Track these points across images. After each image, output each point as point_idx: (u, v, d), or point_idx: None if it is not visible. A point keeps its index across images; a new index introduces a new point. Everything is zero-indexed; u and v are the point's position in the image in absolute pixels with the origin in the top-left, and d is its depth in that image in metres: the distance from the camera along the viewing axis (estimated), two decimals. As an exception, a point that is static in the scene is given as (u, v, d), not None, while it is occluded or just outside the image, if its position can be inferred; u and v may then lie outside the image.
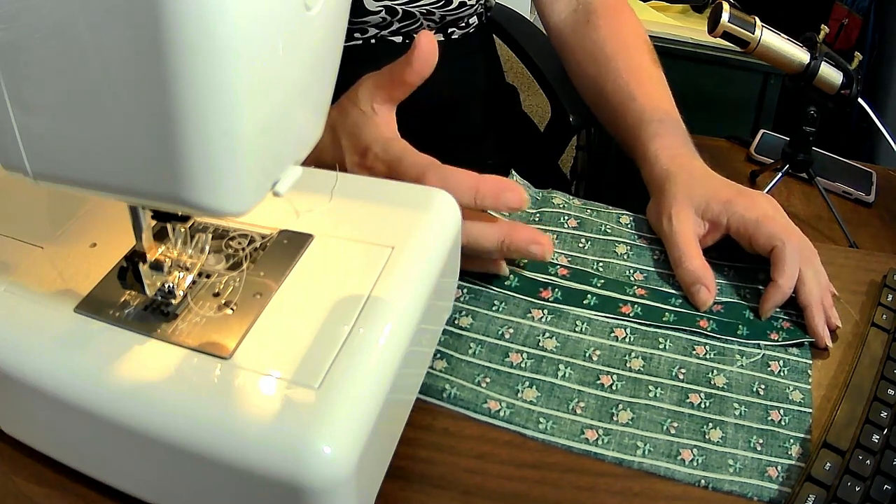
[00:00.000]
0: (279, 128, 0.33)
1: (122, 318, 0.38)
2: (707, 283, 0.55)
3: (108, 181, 0.33)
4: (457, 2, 0.74)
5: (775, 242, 0.55)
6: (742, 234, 0.57)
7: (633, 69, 0.70)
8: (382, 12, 0.71)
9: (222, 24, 0.27)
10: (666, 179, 0.60)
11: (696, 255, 0.57)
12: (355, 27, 0.71)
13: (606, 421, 0.47)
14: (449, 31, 0.79)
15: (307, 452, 0.32)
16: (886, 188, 0.86)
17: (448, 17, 0.76)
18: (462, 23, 0.80)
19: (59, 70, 0.29)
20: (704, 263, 0.56)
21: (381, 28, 0.72)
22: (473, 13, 0.80)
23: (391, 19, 0.72)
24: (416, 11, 0.73)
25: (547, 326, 0.53)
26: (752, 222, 0.56)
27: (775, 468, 0.45)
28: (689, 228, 0.58)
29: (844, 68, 0.73)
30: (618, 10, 0.77)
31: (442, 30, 0.78)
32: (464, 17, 0.79)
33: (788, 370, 0.51)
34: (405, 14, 0.72)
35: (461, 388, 0.48)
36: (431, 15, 0.74)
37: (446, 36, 0.79)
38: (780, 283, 0.54)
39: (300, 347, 0.37)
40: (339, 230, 0.44)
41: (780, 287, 0.54)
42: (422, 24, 0.74)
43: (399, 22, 0.72)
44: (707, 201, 0.58)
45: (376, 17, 0.71)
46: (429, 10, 0.73)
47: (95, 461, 0.40)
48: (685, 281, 0.56)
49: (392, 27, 0.73)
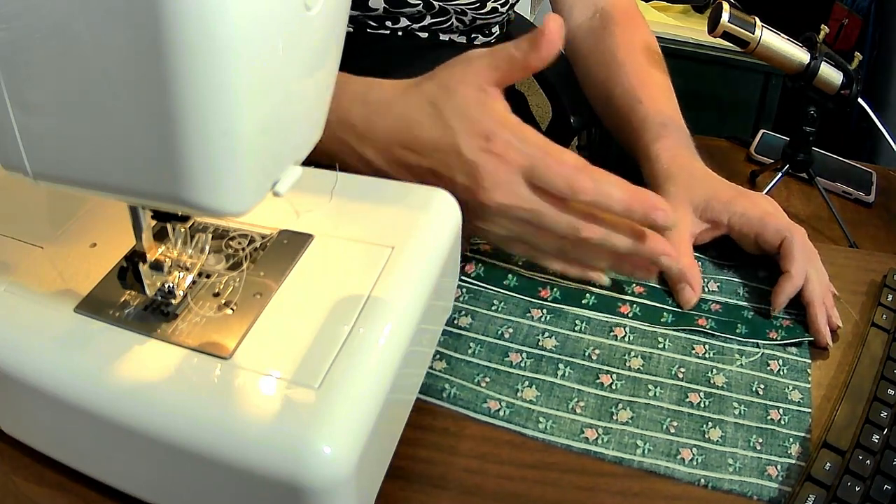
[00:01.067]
0: (279, 128, 0.33)
1: (122, 318, 0.38)
2: (692, 282, 0.56)
3: (108, 181, 0.33)
4: (490, 6, 0.76)
5: (784, 234, 0.55)
6: (746, 232, 0.57)
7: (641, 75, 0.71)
8: (420, 6, 0.72)
9: (222, 24, 0.27)
10: (666, 179, 0.61)
11: (684, 253, 0.57)
12: (389, 16, 0.73)
13: (606, 420, 0.47)
14: (472, 37, 0.81)
15: (307, 452, 0.32)
16: (886, 188, 0.86)
17: (478, 20, 0.77)
18: (487, 30, 0.81)
19: (59, 70, 0.29)
20: (693, 262, 0.57)
21: (413, 20, 0.74)
22: (499, 21, 0.82)
23: (426, 13, 0.73)
24: (451, 9, 0.74)
25: (546, 326, 0.53)
26: (757, 219, 0.56)
27: (775, 467, 0.45)
28: (683, 226, 0.58)
29: (844, 68, 0.73)
30: (634, 20, 0.78)
31: (467, 33, 0.80)
32: (492, 24, 0.80)
33: (788, 369, 0.51)
34: (440, 10, 0.73)
35: (461, 388, 0.48)
36: (464, 15, 0.76)
37: (469, 41, 0.81)
38: (793, 273, 0.54)
39: (300, 347, 0.37)
40: (339, 230, 0.44)
41: (792, 277, 0.54)
42: (452, 23, 0.76)
43: (432, 17, 0.74)
44: (707, 201, 0.58)
45: (413, 10, 0.72)
46: (463, 9, 0.75)
47: (95, 461, 0.40)
48: (671, 278, 0.57)
49: (423, 21, 0.74)
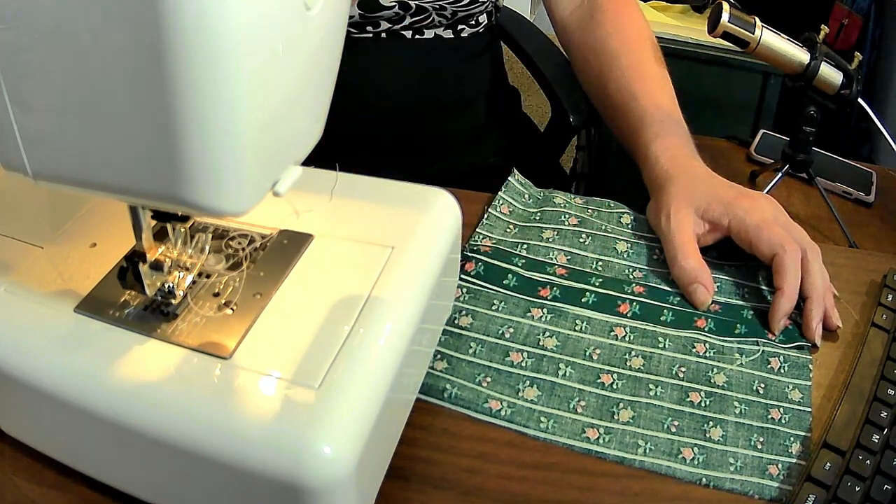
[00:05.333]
0: (279, 128, 0.33)
1: (122, 318, 0.38)
2: (704, 281, 0.55)
3: (108, 181, 0.33)
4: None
5: (776, 251, 0.55)
6: (742, 238, 0.57)
7: (636, 67, 0.70)
8: (396, 7, 0.71)
9: (222, 24, 0.27)
10: (667, 181, 0.60)
11: (692, 254, 0.57)
12: (368, 21, 0.72)
13: (607, 420, 0.47)
14: (459, 29, 0.79)
15: (307, 452, 0.32)
16: (886, 188, 0.86)
17: (459, 13, 0.76)
18: (472, 20, 0.80)
19: (59, 70, 0.29)
20: (701, 262, 0.56)
21: (393, 23, 0.73)
22: (483, 10, 0.81)
23: (404, 14, 0.72)
24: (428, 6, 0.73)
25: (547, 325, 0.53)
26: (753, 227, 0.56)
27: (776, 466, 0.45)
28: (687, 227, 0.58)
29: (844, 68, 0.73)
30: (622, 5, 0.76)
31: (452, 26, 0.78)
32: (474, 14, 0.79)
33: (789, 367, 0.51)
34: (418, 9, 0.72)
35: (462, 388, 0.48)
36: (444, 10, 0.74)
37: (456, 34, 0.79)
38: (786, 291, 0.53)
39: (300, 347, 0.37)
40: (338, 230, 0.44)
41: (786, 294, 0.53)
42: (433, 19, 0.75)
43: (412, 17, 0.73)
44: (708, 202, 0.58)
45: (389, 13, 0.71)
46: (441, 4, 0.73)
47: (95, 461, 0.40)
48: (682, 280, 0.56)
49: (404, 22, 0.73)
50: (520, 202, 0.65)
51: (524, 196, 0.66)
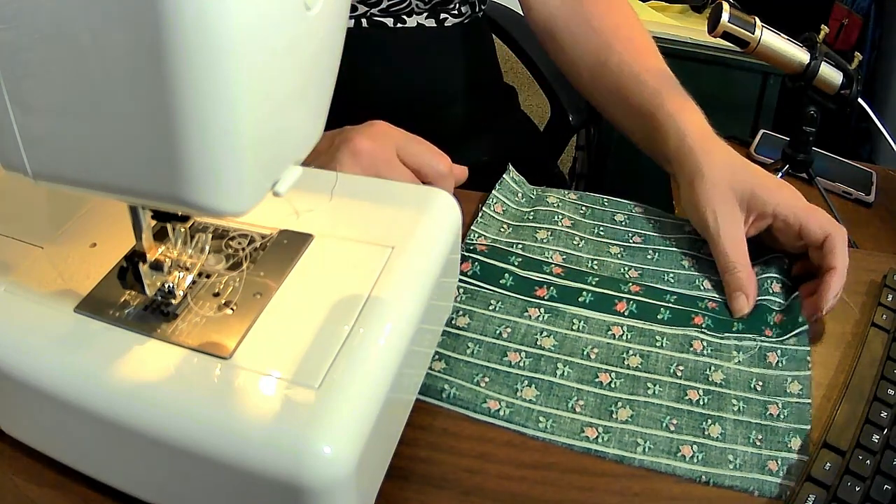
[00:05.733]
0: (279, 128, 0.33)
1: (122, 318, 0.38)
2: (749, 291, 0.56)
3: (108, 181, 0.33)
4: None
5: (829, 231, 0.55)
6: (791, 222, 0.57)
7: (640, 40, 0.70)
8: None
9: (222, 24, 0.27)
10: (700, 163, 0.59)
11: (742, 261, 0.57)
12: None
13: (606, 419, 0.47)
14: (441, 17, 0.79)
15: (307, 452, 0.32)
16: (886, 188, 0.86)
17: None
18: (453, 8, 0.79)
19: (59, 70, 0.29)
20: (751, 272, 0.57)
21: (370, 6, 0.72)
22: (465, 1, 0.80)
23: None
24: None
25: (544, 325, 0.53)
26: (803, 211, 0.56)
27: (775, 462, 0.45)
28: (738, 230, 0.57)
29: (844, 68, 0.73)
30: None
31: (434, 14, 0.78)
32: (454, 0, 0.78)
33: (787, 360, 0.51)
34: None
35: (460, 388, 0.48)
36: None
37: (439, 22, 0.78)
38: (840, 269, 0.54)
39: (300, 347, 0.37)
40: (338, 230, 0.44)
41: (839, 272, 0.54)
42: (410, 4, 0.74)
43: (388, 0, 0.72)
44: (752, 189, 0.57)
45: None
46: None
47: (95, 461, 0.40)
48: (729, 286, 0.56)
49: (381, 5, 0.72)
50: (513, 201, 0.65)
51: (517, 195, 0.65)
